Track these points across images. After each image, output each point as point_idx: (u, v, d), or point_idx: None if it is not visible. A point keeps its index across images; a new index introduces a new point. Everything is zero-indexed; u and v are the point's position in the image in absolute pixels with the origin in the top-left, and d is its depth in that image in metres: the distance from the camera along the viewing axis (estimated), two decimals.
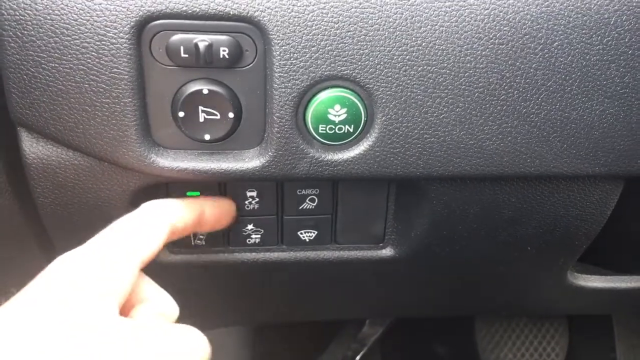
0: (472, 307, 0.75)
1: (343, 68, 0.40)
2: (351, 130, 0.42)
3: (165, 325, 0.37)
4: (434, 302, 0.68)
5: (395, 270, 0.57)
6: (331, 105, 0.41)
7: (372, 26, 0.39)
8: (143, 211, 0.41)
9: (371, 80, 0.40)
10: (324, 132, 0.42)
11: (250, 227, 0.51)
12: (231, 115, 0.41)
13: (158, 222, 0.40)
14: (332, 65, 0.40)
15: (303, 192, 0.50)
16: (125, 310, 0.37)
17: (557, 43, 0.40)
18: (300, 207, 0.51)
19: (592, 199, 0.49)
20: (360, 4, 0.39)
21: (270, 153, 0.42)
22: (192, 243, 0.51)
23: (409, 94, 0.41)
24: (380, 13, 0.39)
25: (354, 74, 0.40)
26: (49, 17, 0.38)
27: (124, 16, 0.38)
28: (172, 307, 0.40)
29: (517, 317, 1.11)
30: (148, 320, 0.37)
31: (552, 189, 0.48)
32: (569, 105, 0.42)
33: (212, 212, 0.46)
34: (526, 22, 0.40)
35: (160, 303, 0.39)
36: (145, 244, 0.38)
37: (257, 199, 0.50)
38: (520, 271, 0.59)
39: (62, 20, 0.38)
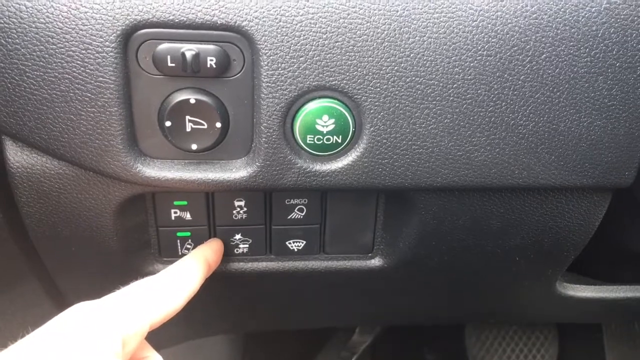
0: (461, 316, 0.75)
1: (331, 78, 0.40)
2: (339, 140, 0.41)
3: None
4: (423, 311, 0.68)
5: (384, 280, 0.56)
6: (319, 116, 0.41)
7: (360, 37, 0.39)
8: (170, 274, 0.43)
9: (359, 91, 0.40)
10: (312, 142, 0.41)
11: (238, 236, 0.51)
12: (218, 125, 0.41)
13: (178, 288, 0.42)
14: (320, 75, 0.39)
15: (291, 201, 0.50)
16: None
17: (545, 55, 0.40)
18: (289, 217, 0.50)
19: (580, 211, 0.49)
20: (348, 14, 0.38)
21: (257, 163, 0.42)
22: (180, 253, 0.51)
23: (397, 104, 0.40)
24: (369, 24, 0.39)
25: (342, 85, 0.40)
26: (34, 26, 0.37)
27: (110, 25, 0.37)
28: None
29: (508, 324, 1.11)
30: None
31: (540, 200, 0.48)
32: (557, 117, 0.42)
33: (213, 259, 0.48)
34: (514, 34, 0.40)
35: None
36: (160, 308, 0.39)
37: (245, 209, 0.49)
38: (509, 281, 0.58)
39: (48, 29, 0.37)
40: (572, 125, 0.42)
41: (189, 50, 0.38)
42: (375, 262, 0.54)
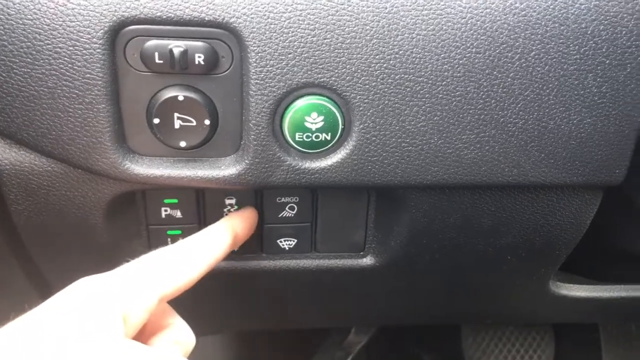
0: (455, 316, 0.75)
1: (320, 75, 0.39)
2: (328, 138, 0.41)
3: (175, 355, 0.37)
4: (416, 310, 0.67)
5: (377, 279, 0.56)
6: (308, 113, 0.40)
7: (349, 34, 0.39)
8: (189, 242, 0.41)
9: (348, 88, 0.40)
10: (301, 139, 0.41)
11: None
12: (207, 122, 0.41)
13: (195, 258, 0.40)
14: (309, 72, 0.39)
15: (282, 200, 0.50)
16: (143, 337, 0.38)
17: (534, 52, 0.40)
18: (280, 215, 0.50)
19: (571, 209, 0.49)
20: (337, 11, 0.38)
21: (246, 161, 0.42)
22: None
23: (386, 102, 0.40)
24: (357, 21, 0.39)
25: (330, 82, 0.40)
26: (21, 22, 0.37)
27: (97, 21, 0.37)
28: (188, 336, 0.40)
29: (504, 325, 1.11)
30: (161, 347, 0.38)
31: (531, 198, 0.48)
32: (547, 114, 0.42)
33: (243, 230, 0.46)
34: (504, 31, 0.39)
35: (177, 332, 0.39)
36: (171, 280, 0.38)
37: (235, 207, 0.49)
38: (501, 280, 0.58)
39: (35, 25, 0.37)
40: (562, 123, 0.42)
41: (177, 47, 0.38)
42: (367, 260, 0.54)
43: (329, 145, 0.42)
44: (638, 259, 0.61)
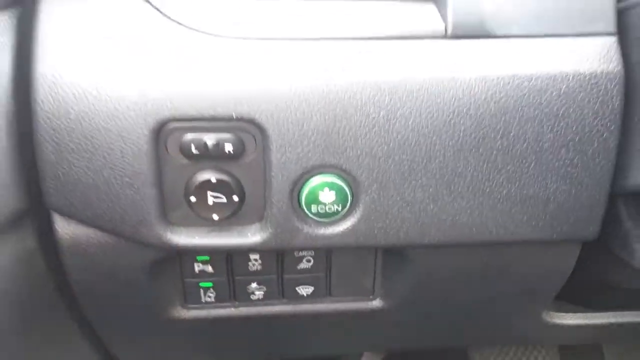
0: (460, 342, 0.81)
1: (331, 158, 0.46)
2: (339, 209, 0.48)
3: None
4: (422, 339, 0.74)
5: (386, 317, 0.63)
6: (321, 189, 0.47)
7: (354, 123, 0.46)
8: None
9: (355, 168, 0.47)
10: (316, 211, 0.48)
11: (254, 285, 0.58)
12: (236, 198, 0.48)
13: None
14: (322, 156, 0.46)
15: (300, 254, 0.57)
16: None
17: (513, 133, 0.47)
18: (298, 267, 0.57)
19: (555, 258, 0.55)
20: (343, 105, 0.45)
21: (270, 230, 0.49)
22: (203, 300, 0.58)
23: (387, 178, 0.47)
24: (362, 112, 0.46)
25: (339, 163, 0.47)
26: (80, 124, 0.44)
27: (143, 121, 0.44)
28: None
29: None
30: None
31: (518, 252, 0.54)
32: (527, 184, 0.48)
33: None
34: (486, 116, 0.46)
35: None
36: None
37: (259, 261, 0.56)
38: (498, 315, 0.65)
39: (92, 126, 0.44)
40: (541, 190, 0.49)
41: (210, 139, 0.45)
42: (377, 303, 0.61)
43: (340, 215, 0.49)
44: (615, 289, 0.67)
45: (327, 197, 0.48)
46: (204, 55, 0.45)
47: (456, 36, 0.47)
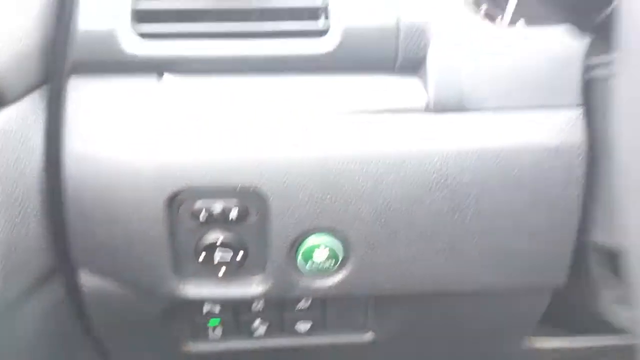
0: None
1: (325, 222, 0.52)
2: (332, 265, 0.54)
3: None
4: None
5: (378, 349, 0.69)
6: (316, 247, 0.53)
7: (346, 191, 0.52)
8: None
9: (345, 230, 0.53)
10: (311, 267, 0.54)
11: (257, 321, 0.64)
12: (240, 255, 0.54)
13: None
14: (316, 220, 0.52)
15: None
16: None
17: (485, 200, 0.52)
18: (297, 307, 0.63)
19: (527, 302, 0.61)
20: (335, 176, 0.51)
21: (270, 282, 0.55)
22: (210, 337, 0.64)
23: (374, 239, 0.53)
24: (352, 181, 0.51)
25: (332, 225, 0.53)
26: (103, 196, 0.50)
27: (159, 193, 0.50)
28: None
29: None
30: None
31: (492, 298, 0.60)
32: (499, 243, 0.54)
33: None
34: (461, 186, 0.52)
35: None
36: None
37: (262, 302, 0.63)
38: (481, 346, 0.71)
39: (114, 198, 0.50)
40: (512, 248, 0.55)
41: (217, 207, 0.51)
42: (369, 336, 0.67)
43: (333, 269, 0.55)
44: (592, 314, 0.73)
45: (321, 254, 0.54)
46: (215, 133, 0.50)
47: (437, 110, 0.52)
